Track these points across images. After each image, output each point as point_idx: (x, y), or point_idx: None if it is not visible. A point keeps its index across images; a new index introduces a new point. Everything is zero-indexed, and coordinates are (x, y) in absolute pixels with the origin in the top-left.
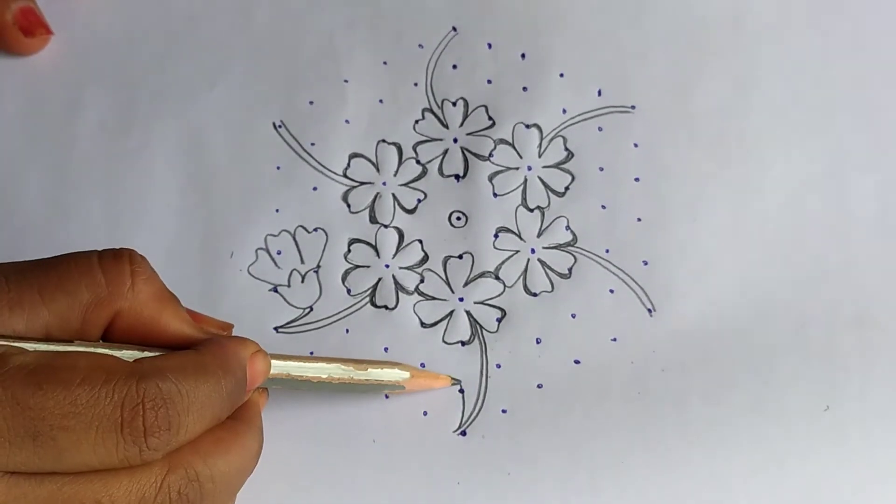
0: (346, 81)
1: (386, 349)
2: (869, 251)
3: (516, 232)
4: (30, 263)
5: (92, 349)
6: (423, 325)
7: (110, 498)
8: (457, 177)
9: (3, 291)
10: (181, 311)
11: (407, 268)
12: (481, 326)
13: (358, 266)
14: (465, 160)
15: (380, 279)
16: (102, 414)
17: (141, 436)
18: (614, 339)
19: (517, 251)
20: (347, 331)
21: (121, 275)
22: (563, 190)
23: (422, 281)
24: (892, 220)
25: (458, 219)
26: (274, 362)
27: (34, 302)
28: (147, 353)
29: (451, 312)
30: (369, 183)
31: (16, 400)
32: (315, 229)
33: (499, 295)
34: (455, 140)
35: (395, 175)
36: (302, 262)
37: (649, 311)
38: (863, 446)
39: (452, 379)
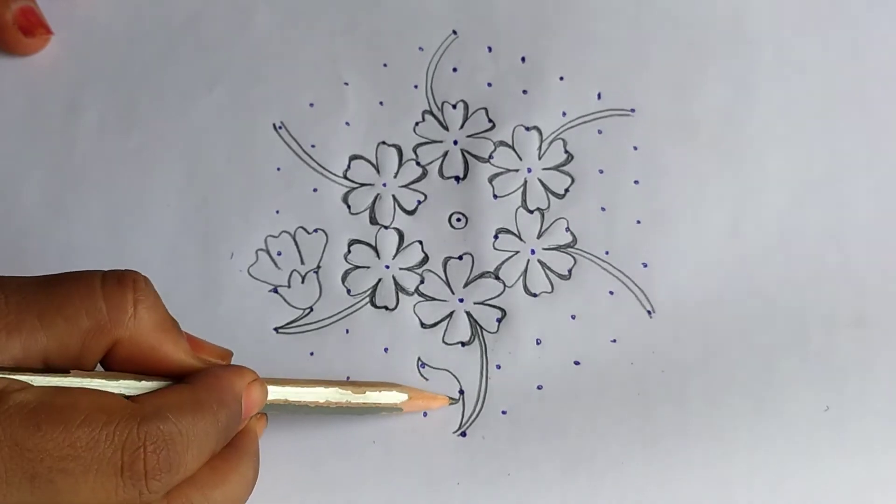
0: (346, 83)
1: (386, 349)
2: (868, 252)
3: (516, 233)
4: (31, 282)
5: (88, 380)
6: (423, 325)
7: None
8: (457, 178)
9: (2, 314)
10: (181, 339)
11: (407, 269)
12: (481, 327)
13: (358, 267)
14: (466, 162)
15: (380, 280)
16: (102, 457)
17: (142, 479)
18: (614, 340)
19: (517, 252)
20: (347, 331)
21: (123, 302)
22: (562, 192)
23: (422, 282)
24: (891, 221)
25: (458, 220)
26: (272, 388)
27: (33, 327)
28: (145, 382)
29: (452, 313)
30: (369, 184)
31: (14, 441)
32: (315, 230)
33: (499, 295)
34: (455, 142)
35: (395, 176)
36: (302, 262)
37: (649, 312)
38: (863, 447)
39: (450, 398)
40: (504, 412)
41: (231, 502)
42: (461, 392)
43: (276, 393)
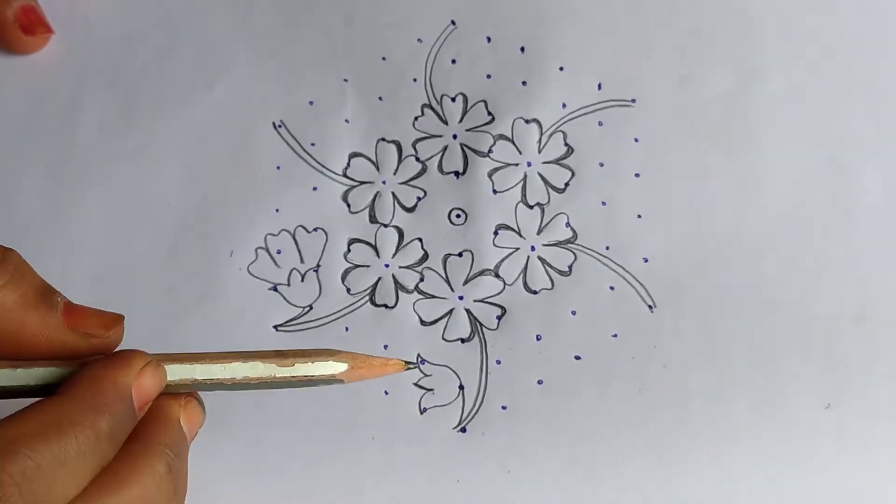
0: (345, 80)
1: (385, 346)
2: (872, 246)
3: (516, 229)
4: None
5: None
6: (422, 323)
7: None
8: (456, 173)
9: None
10: (51, 314)
11: (407, 266)
12: (481, 324)
13: (358, 266)
14: (465, 156)
15: (379, 279)
16: None
17: None
18: (615, 336)
19: (517, 249)
20: (347, 329)
21: None
22: (562, 186)
23: (421, 279)
24: (895, 216)
25: (458, 216)
26: (177, 367)
27: None
28: (21, 371)
29: (451, 310)
30: (369, 182)
31: None
32: (315, 229)
33: (499, 293)
34: (454, 136)
35: (394, 173)
36: (302, 261)
37: (650, 307)
38: (864, 444)
39: (406, 363)
40: (504, 407)
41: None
42: (461, 387)
43: (181, 372)
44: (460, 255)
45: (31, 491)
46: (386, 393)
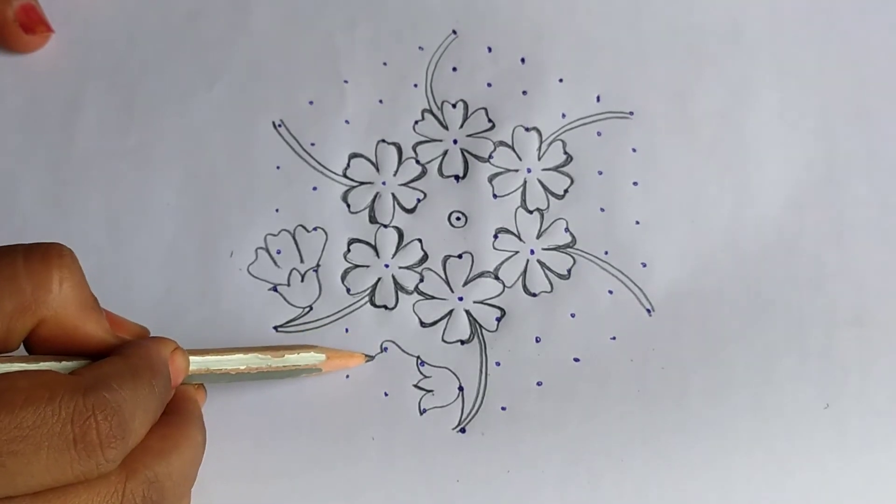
0: (345, 81)
1: (385, 349)
2: (866, 251)
3: (516, 233)
4: None
5: (7, 365)
6: (422, 324)
7: None
8: (456, 177)
9: None
10: (102, 318)
11: (406, 267)
12: (481, 325)
13: (357, 266)
14: (465, 161)
15: (379, 279)
16: (52, 433)
17: (96, 448)
18: (613, 338)
19: (516, 252)
20: (347, 330)
21: (47, 281)
22: (562, 192)
23: (421, 280)
24: (889, 221)
25: (458, 219)
26: (193, 358)
27: None
28: (65, 363)
29: (451, 312)
30: (369, 183)
31: None
32: (315, 229)
33: (498, 295)
34: (455, 141)
35: (394, 175)
36: (301, 261)
37: (648, 311)
38: (862, 444)
39: (366, 356)
40: (503, 408)
41: (188, 465)
42: (460, 389)
43: (197, 363)
44: (460, 256)
45: (123, 417)
46: (386, 394)
